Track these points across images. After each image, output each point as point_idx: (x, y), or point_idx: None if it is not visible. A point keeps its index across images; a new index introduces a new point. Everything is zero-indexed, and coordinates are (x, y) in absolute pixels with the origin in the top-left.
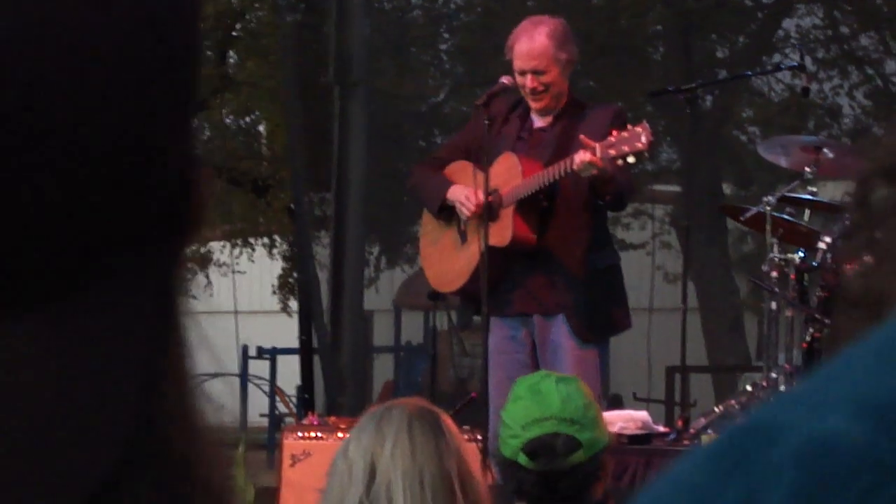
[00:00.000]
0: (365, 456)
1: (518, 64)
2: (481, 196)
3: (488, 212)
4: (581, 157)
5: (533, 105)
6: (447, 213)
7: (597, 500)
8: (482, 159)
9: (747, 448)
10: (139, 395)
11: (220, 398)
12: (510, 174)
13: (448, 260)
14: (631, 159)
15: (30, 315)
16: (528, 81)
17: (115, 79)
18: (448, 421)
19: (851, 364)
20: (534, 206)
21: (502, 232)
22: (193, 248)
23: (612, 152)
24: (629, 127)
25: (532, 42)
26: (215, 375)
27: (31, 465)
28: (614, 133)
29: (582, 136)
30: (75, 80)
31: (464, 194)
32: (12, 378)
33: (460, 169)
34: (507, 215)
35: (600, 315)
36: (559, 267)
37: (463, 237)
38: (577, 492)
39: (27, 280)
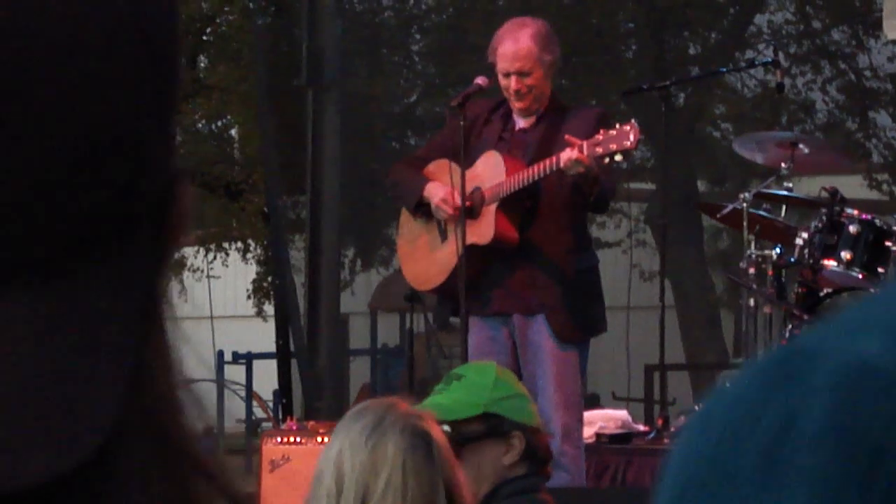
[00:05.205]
0: (359, 480)
1: (502, 66)
2: (458, 198)
3: (465, 215)
4: (568, 154)
5: (515, 105)
6: (425, 210)
7: None
8: (460, 160)
9: (791, 370)
10: (129, 372)
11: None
12: (493, 172)
13: (427, 258)
14: (618, 157)
15: (17, 290)
16: (513, 83)
17: (100, 74)
18: (440, 438)
19: (891, 291)
20: (517, 206)
21: (484, 229)
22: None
23: (600, 150)
24: (617, 125)
25: (517, 44)
26: (191, 381)
27: (22, 430)
28: (602, 131)
29: (568, 136)
30: (61, 72)
31: (440, 195)
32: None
33: (440, 167)
34: (490, 213)
35: (581, 315)
36: (541, 266)
37: (443, 235)
38: None
39: (12, 255)
